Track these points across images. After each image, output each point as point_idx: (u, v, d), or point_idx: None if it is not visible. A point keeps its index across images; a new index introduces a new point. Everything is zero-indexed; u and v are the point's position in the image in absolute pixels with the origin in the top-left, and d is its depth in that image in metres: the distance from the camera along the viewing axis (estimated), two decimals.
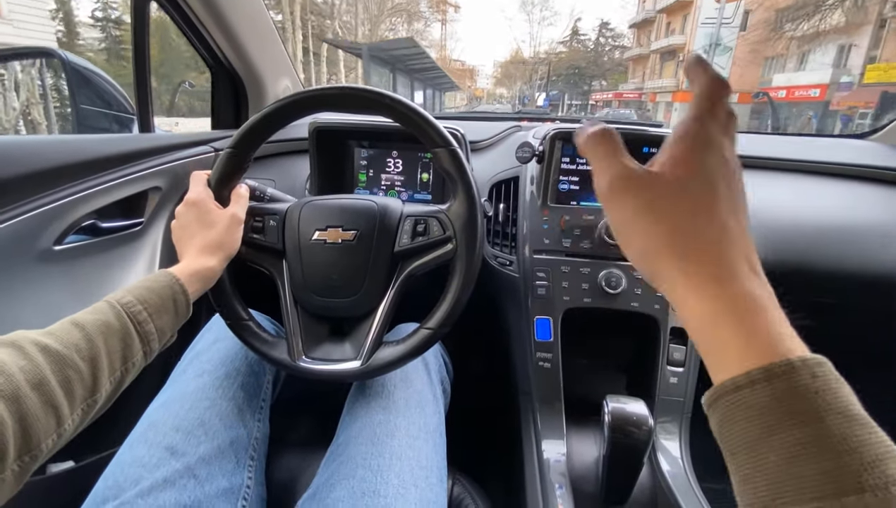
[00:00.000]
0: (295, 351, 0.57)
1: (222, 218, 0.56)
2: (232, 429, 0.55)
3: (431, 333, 0.56)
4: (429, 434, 0.57)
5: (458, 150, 0.54)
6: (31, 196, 0.66)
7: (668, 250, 0.26)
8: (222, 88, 1.09)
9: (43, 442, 0.35)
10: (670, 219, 0.26)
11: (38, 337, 0.37)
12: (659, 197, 0.27)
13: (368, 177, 0.94)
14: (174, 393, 0.57)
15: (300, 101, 0.55)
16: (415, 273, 0.58)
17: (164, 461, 0.49)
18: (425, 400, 0.61)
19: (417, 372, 0.64)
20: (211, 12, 0.91)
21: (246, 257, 0.59)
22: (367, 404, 0.58)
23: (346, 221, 0.58)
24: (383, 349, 0.57)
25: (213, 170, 0.57)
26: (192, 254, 0.54)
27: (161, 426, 0.52)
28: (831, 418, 0.19)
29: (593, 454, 0.74)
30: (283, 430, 0.66)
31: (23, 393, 0.33)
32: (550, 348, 0.78)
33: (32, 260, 0.64)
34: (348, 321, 0.61)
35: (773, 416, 0.20)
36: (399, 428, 0.55)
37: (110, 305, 0.43)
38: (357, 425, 0.56)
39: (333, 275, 0.58)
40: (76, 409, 0.38)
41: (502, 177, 0.89)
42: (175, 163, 0.85)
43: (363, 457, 0.52)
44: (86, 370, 0.39)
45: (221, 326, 0.65)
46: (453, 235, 0.56)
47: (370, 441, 0.53)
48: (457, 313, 0.56)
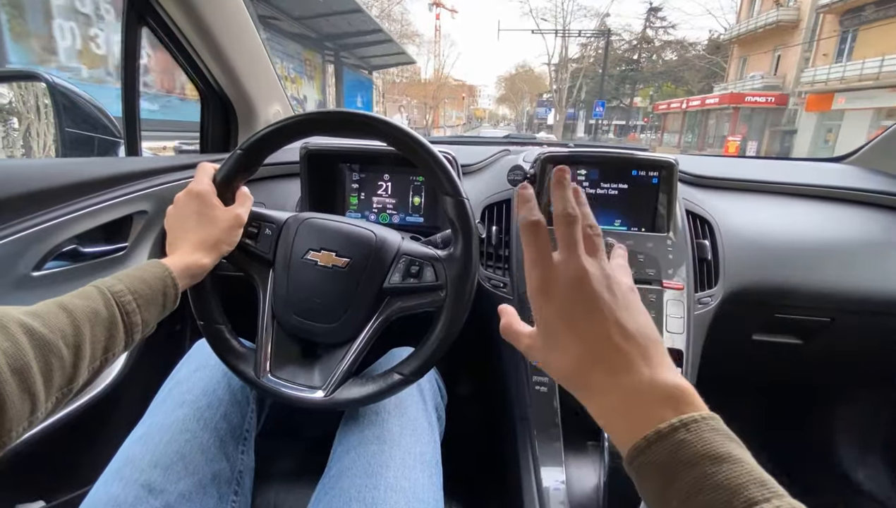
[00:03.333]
0: (261, 367, 0.56)
1: (225, 216, 0.55)
2: (214, 463, 0.53)
3: (402, 379, 0.55)
4: (425, 465, 0.55)
5: (466, 203, 0.54)
6: (10, 220, 0.64)
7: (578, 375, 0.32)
8: (212, 113, 1.09)
9: (14, 430, 0.33)
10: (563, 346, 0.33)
11: (25, 318, 0.35)
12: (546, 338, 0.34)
13: (360, 200, 0.94)
14: (153, 425, 0.54)
15: (318, 120, 0.55)
16: (398, 314, 0.57)
17: (142, 499, 0.47)
18: (420, 428, 0.59)
19: (412, 398, 0.62)
20: (203, 38, 0.92)
21: (233, 260, 0.58)
22: (360, 433, 0.56)
23: (342, 247, 0.57)
24: (351, 384, 0.55)
25: (220, 166, 0.56)
26: (187, 248, 0.52)
27: (138, 461, 0.50)
28: (706, 462, 0.25)
29: (593, 481, 0.72)
30: (268, 461, 0.63)
31: (2, 377, 0.31)
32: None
33: (9, 286, 0.61)
34: (322, 345, 0.60)
35: (666, 473, 0.25)
36: (394, 459, 0.53)
37: (100, 292, 0.41)
38: (350, 456, 0.54)
39: (317, 298, 0.57)
40: (51, 397, 0.36)
41: (495, 200, 0.89)
42: (162, 186, 0.84)
43: (357, 490, 0.49)
44: (68, 357, 0.37)
45: (203, 354, 0.63)
46: (445, 285, 0.55)
47: (364, 472, 0.51)
48: (434, 361, 0.55)
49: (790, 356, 0.95)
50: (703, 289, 0.82)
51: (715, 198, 0.94)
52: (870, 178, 1.01)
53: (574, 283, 0.32)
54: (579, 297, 0.32)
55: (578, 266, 0.32)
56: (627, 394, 0.29)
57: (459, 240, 0.54)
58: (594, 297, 0.31)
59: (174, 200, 0.55)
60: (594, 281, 0.32)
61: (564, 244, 0.33)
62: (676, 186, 0.81)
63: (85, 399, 0.66)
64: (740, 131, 17.43)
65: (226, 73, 1.01)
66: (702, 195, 0.93)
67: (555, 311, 0.33)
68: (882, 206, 0.94)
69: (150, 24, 0.88)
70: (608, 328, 0.31)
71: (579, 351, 0.31)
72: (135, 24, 0.87)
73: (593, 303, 0.31)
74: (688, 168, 0.98)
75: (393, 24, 27.38)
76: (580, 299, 0.32)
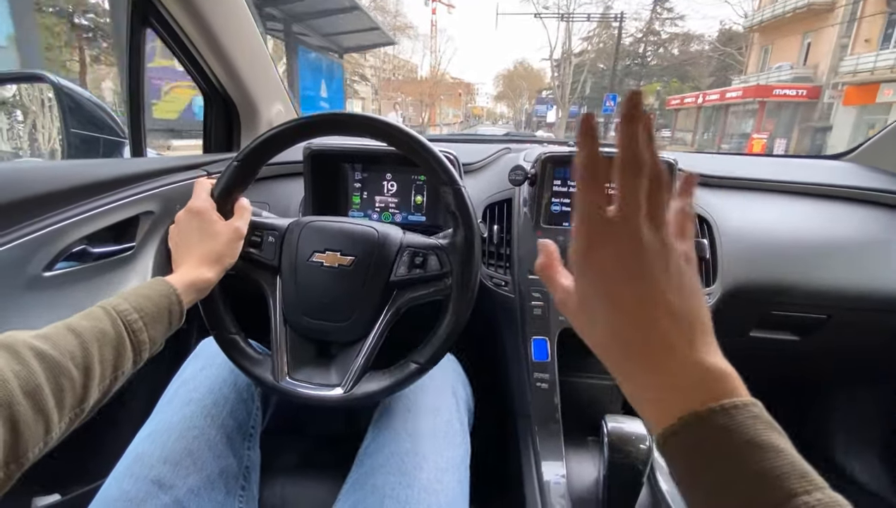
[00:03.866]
0: (279, 371, 0.57)
1: (225, 230, 0.55)
2: (221, 459, 0.54)
3: (418, 368, 0.55)
4: (456, 468, 0.56)
5: (463, 190, 0.55)
6: (20, 222, 0.65)
7: (613, 349, 0.30)
8: (215, 112, 1.10)
9: (30, 451, 0.34)
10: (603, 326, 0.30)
11: (34, 342, 0.36)
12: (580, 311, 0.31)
13: (362, 200, 0.95)
14: (161, 423, 0.55)
15: (310, 124, 0.56)
16: (407, 306, 0.58)
17: (152, 495, 0.48)
18: (453, 430, 0.60)
19: (446, 401, 0.63)
20: (206, 38, 0.93)
21: (240, 271, 0.59)
22: (394, 432, 0.57)
23: (345, 246, 0.58)
24: (368, 378, 0.56)
25: (217, 180, 0.57)
26: (191, 265, 0.53)
27: (148, 458, 0.51)
28: (745, 450, 0.23)
29: (593, 475, 0.74)
30: (273, 457, 0.64)
31: (15, 400, 0.32)
32: (547, 368, 0.79)
33: (22, 286, 0.63)
34: (336, 344, 0.61)
35: (697, 459, 0.25)
36: (427, 460, 0.54)
37: (106, 312, 0.42)
38: (383, 453, 0.54)
39: (326, 299, 0.58)
40: (64, 418, 0.37)
41: (496, 200, 0.90)
42: (167, 187, 0.85)
43: (391, 487, 0.50)
44: (78, 378, 0.38)
45: (209, 353, 0.64)
46: (450, 271, 0.56)
47: (398, 471, 0.52)
48: (447, 348, 0.55)
49: (787, 352, 0.96)
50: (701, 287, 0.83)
51: (713, 196, 0.94)
52: (869, 176, 1.01)
53: (625, 255, 0.28)
54: (628, 272, 0.28)
55: (634, 234, 0.28)
56: (665, 375, 0.27)
57: (460, 226, 0.55)
58: (646, 276, 0.28)
59: (175, 220, 0.56)
60: (649, 256, 0.28)
61: (623, 200, 0.28)
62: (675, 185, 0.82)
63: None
64: (766, 128, 15.67)
65: (228, 72, 1.02)
66: (700, 194, 0.94)
67: (597, 280, 0.29)
68: (881, 204, 0.95)
69: (154, 24, 0.89)
70: (655, 310, 0.27)
71: (618, 327, 0.29)
72: (139, 24, 0.88)
73: (643, 282, 0.28)
74: (687, 167, 0.99)
75: (386, 17, 26.36)
76: (629, 275, 0.28)
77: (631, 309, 0.28)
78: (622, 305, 0.28)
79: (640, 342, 0.28)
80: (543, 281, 0.35)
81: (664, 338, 0.27)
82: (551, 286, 0.34)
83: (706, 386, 0.26)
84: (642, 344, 0.28)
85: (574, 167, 0.29)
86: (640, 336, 0.28)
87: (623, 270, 0.28)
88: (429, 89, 31.24)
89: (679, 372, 0.27)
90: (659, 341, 0.27)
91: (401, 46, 28.15)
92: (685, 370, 0.26)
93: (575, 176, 0.30)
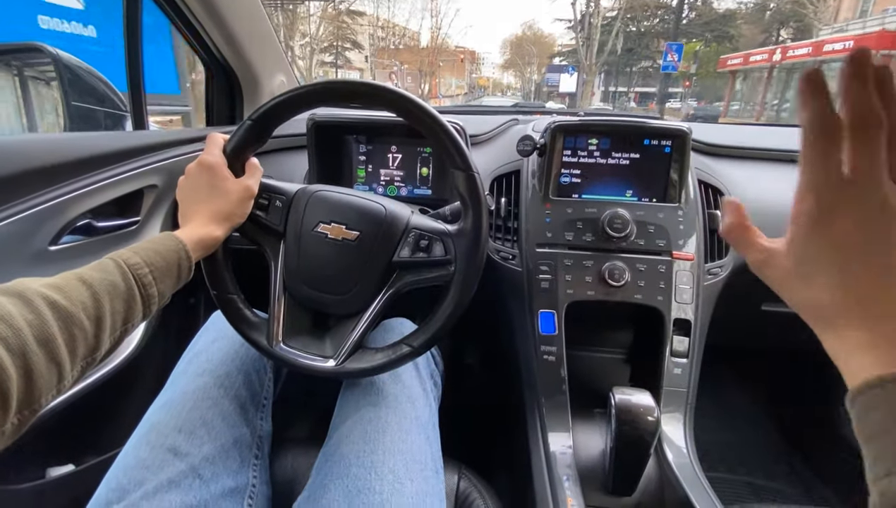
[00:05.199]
0: (274, 337, 0.57)
1: (236, 188, 0.55)
2: (235, 428, 0.55)
3: (411, 351, 0.55)
4: (421, 427, 0.57)
5: (476, 176, 0.53)
6: (24, 196, 0.64)
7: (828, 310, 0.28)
8: (218, 85, 1.07)
9: (43, 397, 0.34)
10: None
11: (46, 291, 0.36)
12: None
13: (367, 173, 0.94)
14: (175, 393, 0.56)
15: (328, 90, 0.54)
16: (407, 288, 0.58)
17: (168, 462, 0.49)
18: (415, 393, 0.60)
19: (406, 368, 0.63)
20: (207, 8, 0.90)
21: (245, 232, 0.59)
22: (356, 402, 0.58)
23: (352, 220, 0.57)
24: (361, 354, 0.56)
25: (230, 137, 0.56)
26: (200, 221, 0.53)
27: (163, 427, 0.52)
28: None
29: (599, 446, 0.74)
30: (284, 427, 0.65)
31: (30, 349, 0.33)
32: (554, 341, 0.78)
33: (28, 261, 0.63)
34: (333, 317, 0.61)
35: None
36: (390, 424, 0.55)
37: (117, 265, 0.42)
38: (348, 423, 0.55)
39: (327, 271, 0.57)
40: (76, 366, 0.37)
41: (503, 171, 0.88)
42: (171, 160, 0.84)
43: (356, 455, 0.51)
44: (90, 329, 0.38)
45: (220, 325, 0.64)
46: (454, 260, 0.55)
47: (362, 438, 0.53)
48: (442, 334, 0.55)
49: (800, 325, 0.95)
50: (713, 260, 0.81)
51: (729, 166, 0.92)
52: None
53: (869, 222, 0.26)
54: (871, 240, 0.26)
55: (882, 199, 0.25)
56: (884, 335, 0.25)
57: (469, 215, 0.54)
58: (891, 244, 0.25)
59: (185, 171, 0.55)
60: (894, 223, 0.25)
61: (860, 161, 0.25)
62: (689, 155, 0.80)
63: (107, 369, 0.68)
64: None
65: (229, 43, 0.99)
66: (715, 164, 0.91)
67: (828, 246, 0.27)
68: None
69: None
70: (892, 278, 0.25)
71: (842, 293, 0.27)
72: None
73: (887, 251, 0.25)
74: (701, 136, 0.96)
75: None
76: (871, 242, 0.26)
77: (862, 279, 0.26)
78: (854, 273, 0.26)
79: (863, 305, 0.26)
80: (731, 243, 0.33)
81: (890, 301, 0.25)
82: (745, 247, 0.32)
83: None
84: (866, 307, 0.26)
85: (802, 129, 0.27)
86: (864, 300, 0.26)
87: (863, 240, 0.26)
88: (429, 57, 29.71)
89: None
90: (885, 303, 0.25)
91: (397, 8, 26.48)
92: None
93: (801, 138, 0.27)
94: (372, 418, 0.55)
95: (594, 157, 0.81)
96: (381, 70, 28.24)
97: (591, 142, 0.81)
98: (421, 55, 30.01)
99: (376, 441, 0.52)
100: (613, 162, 0.81)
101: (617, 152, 0.80)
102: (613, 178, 0.82)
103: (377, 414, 0.55)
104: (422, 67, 29.75)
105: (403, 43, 31.01)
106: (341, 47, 25.47)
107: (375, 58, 28.57)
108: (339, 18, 24.02)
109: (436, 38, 30.91)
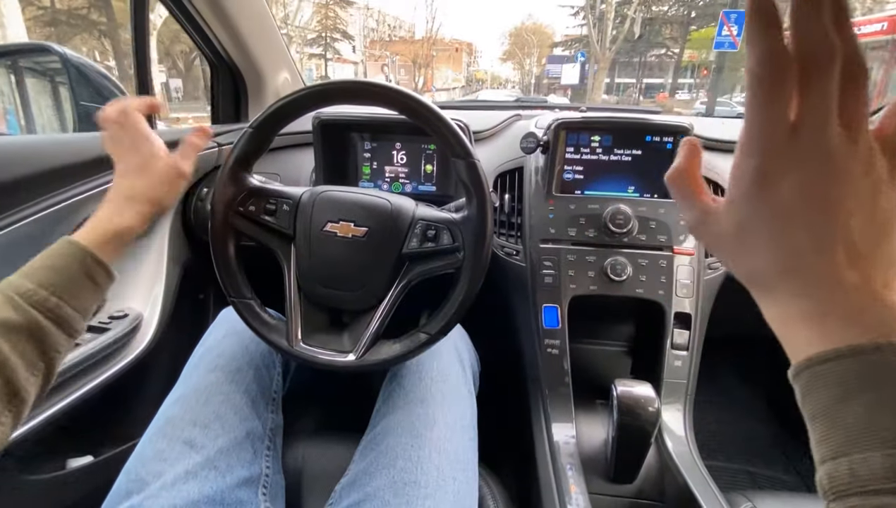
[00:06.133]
0: (293, 337, 0.58)
1: (161, 165, 0.50)
2: (247, 421, 0.57)
3: (429, 338, 0.57)
4: (464, 429, 0.58)
5: (477, 163, 0.54)
6: (36, 197, 0.66)
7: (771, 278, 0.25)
8: (222, 83, 1.08)
9: None
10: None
11: None
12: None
13: (372, 170, 0.95)
14: (188, 388, 0.58)
15: (327, 91, 0.55)
16: (419, 278, 0.59)
17: (185, 454, 0.50)
18: (461, 394, 0.62)
19: (453, 366, 0.64)
20: (212, 6, 0.90)
21: (256, 238, 0.60)
22: (404, 395, 0.59)
23: (359, 217, 0.58)
24: (379, 346, 0.58)
25: (232, 149, 0.57)
26: (113, 206, 0.48)
27: (178, 421, 0.53)
28: None
29: (601, 436, 0.76)
30: (294, 420, 0.67)
31: None
32: (557, 335, 0.80)
33: None
34: (349, 313, 0.62)
35: (856, 383, 0.21)
36: (437, 422, 0.56)
37: (6, 298, 0.37)
38: (395, 416, 0.57)
39: (339, 269, 0.59)
40: (4, 413, 0.35)
41: (507, 168, 0.89)
42: None
43: (403, 448, 0.53)
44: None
45: (230, 322, 0.66)
46: (462, 246, 0.56)
47: (409, 432, 0.54)
48: (457, 320, 0.56)
49: None
50: (713, 255, 0.83)
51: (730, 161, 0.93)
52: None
53: (813, 180, 0.22)
54: (813, 204, 0.22)
55: (826, 152, 0.21)
56: (825, 303, 0.22)
57: (473, 201, 0.55)
58: (838, 208, 0.22)
59: (101, 120, 0.50)
60: (842, 182, 0.21)
61: (805, 104, 0.21)
62: None
63: (120, 365, 0.70)
64: None
65: (234, 40, 1.00)
66: (717, 160, 0.92)
67: (770, 211, 0.23)
68: None
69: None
70: (835, 253, 0.22)
71: (782, 261, 0.24)
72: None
73: (831, 215, 0.22)
74: (703, 132, 0.97)
75: None
76: (813, 207, 0.22)
77: (804, 247, 0.23)
78: (794, 239, 0.23)
79: (804, 273, 0.23)
80: (673, 193, 0.28)
81: (833, 272, 0.22)
82: (687, 200, 0.28)
83: (877, 322, 0.21)
84: (806, 274, 0.23)
85: (748, 72, 0.22)
86: (805, 268, 0.23)
87: (807, 202, 0.22)
88: (423, 49, 28.71)
89: (843, 303, 0.22)
90: (827, 273, 0.22)
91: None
92: (853, 302, 0.22)
93: (748, 77, 0.22)
94: (420, 414, 0.56)
95: (597, 154, 0.82)
96: (372, 62, 27.58)
97: (594, 140, 0.82)
98: (414, 46, 29.22)
99: (423, 437, 0.54)
100: (616, 158, 0.82)
101: (619, 149, 0.82)
102: (616, 175, 0.83)
103: (425, 410, 0.57)
104: (416, 59, 28.89)
105: (397, 34, 30.18)
106: (330, 38, 24.98)
107: (367, 49, 27.80)
108: (327, 7, 23.52)
109: (430, 29, 30.19)
